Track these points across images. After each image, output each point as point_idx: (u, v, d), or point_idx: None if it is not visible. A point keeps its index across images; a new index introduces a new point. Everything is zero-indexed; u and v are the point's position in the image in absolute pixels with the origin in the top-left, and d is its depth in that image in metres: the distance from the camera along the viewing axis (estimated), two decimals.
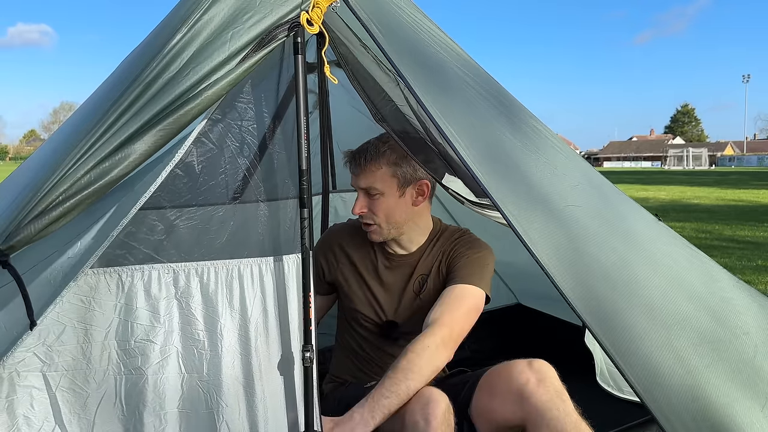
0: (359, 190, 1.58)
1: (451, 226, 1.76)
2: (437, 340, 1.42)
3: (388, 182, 1.55)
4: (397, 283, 1.70)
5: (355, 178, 1.58)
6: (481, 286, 1.57)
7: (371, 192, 1.56)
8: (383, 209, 1.57)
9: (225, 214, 1.20)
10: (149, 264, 1.13)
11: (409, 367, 1.35)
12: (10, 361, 1.06)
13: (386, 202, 1.57)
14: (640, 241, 1.36)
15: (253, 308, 1.17)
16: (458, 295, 1.54)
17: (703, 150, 52.79)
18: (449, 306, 1.51)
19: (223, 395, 1.14)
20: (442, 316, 1.49)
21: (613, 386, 2.27)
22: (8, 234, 0.99)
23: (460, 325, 1.49)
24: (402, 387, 1.32)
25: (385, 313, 1.70)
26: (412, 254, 1.69)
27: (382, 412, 1.29)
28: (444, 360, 1.43)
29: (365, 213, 1.58)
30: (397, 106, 1.41)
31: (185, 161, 1.16)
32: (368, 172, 1.54)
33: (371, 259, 1.71)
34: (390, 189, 1.57)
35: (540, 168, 1.32)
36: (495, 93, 1.40)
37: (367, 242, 1.70)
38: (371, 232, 1.61)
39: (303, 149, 1.17)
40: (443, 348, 1.43)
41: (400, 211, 1.60)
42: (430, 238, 1.70)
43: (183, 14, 1.14)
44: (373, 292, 1.70)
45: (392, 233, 1.62)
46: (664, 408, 1.13)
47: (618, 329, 1.18)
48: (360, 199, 1.58)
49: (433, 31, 1.40)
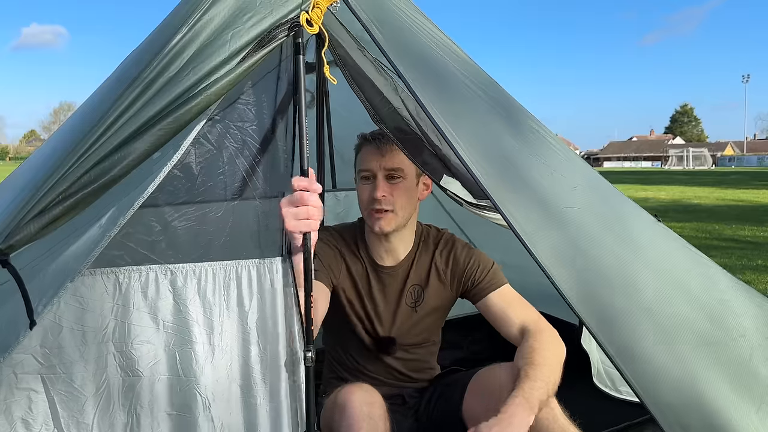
0: (380, 173, 1.53)
1: (429, 228, 1.74)
2: (550, 329, 1.47)
3: (410, 166, 1.54)
4: (391, 297, 1.67)
5: (381, 159, 1.53)
6: (505, 281, 1.63)
7: (395, 175, 1.54)
8: (404, 193, 1.55)
9: (224, 214, 1.20)
10: (146, 265, 1.13)
11: (542, 362, 1.36)
12: (8, 363, 1.06)
13: (406, 186, 1.55)
14: (639, 242, 1.36)
15: (252, 310, 1.17)
16: (510, 296, 1.59)
17: (703, 150, 52.74)
18: (518, 305, 1.56)
19: (222, 397, 1.14)
20: (525, 315, 1.53)
21: (610, 386, 2.28)
22: (8, 233, 0.99)
23: (538, 313, 1.55)
24: (547, 378, 1.32)
25: (382, 327, 1.67)
26: (401, 264, 1.66)
27: (538, 403, 1.27)
28: (563, 347, 1.46)
29: (387, 197, 1.54)
30: (395, 108, 1.41)
31: (184, 162, 1.16)
32: (397, 152, 1.51)
33: (363, 271, 1.67)
34: (411, 173, 1.56)
35: (539, 170, 1.32)
36: (495, 94, 1.40)
37: (357, 254, 1.67)
38: (384, 219, 1.55)
39: (304, 149, 1.17)
40: (556, 335, 1.48)
41: (413, 200, 1.59)
42: (416, 243, 1.68)
43: (183, 14, 1.14)
44: (366, 308, 1.66)
45: (402, 223, 1.59)
46: (663, 408, 1.14)
47: (617, 330, 1.18)
48: (381, 183, 1.53)
49: (434, 32, 1.40)
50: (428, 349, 1.78)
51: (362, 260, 1.67)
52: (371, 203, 1.55)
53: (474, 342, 2.84)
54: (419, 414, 1.70)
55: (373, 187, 1.54)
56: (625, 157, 73.89)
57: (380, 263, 1.66)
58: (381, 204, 1.53)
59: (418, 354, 1.74)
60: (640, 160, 70.38)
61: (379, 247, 1.65)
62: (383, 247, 1.64)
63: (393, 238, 1.62)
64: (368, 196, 1.55)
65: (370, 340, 1.68)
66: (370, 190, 1.55)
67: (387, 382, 1.72)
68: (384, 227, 1.56)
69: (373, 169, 1.54)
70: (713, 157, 56.44)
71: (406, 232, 1.65)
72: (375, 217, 1.55)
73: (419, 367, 1.76)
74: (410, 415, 1.71)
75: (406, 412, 1.71)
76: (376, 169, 1.54)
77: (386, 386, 1.71)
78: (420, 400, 1.73)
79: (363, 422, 1.28)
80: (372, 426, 1.28)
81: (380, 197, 1.52)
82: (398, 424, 1.60)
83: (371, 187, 1.55)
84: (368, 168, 1.55)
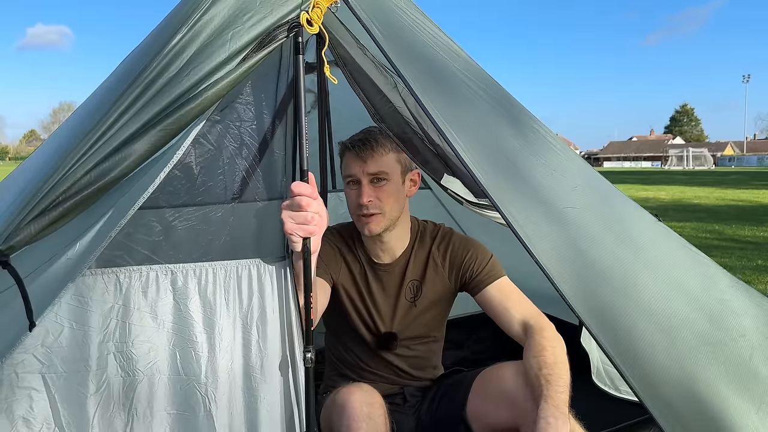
0: (364, 178, 1.54)
1: (426, 224, 1.75)
2: (550, 325, 1.47)
3: (394, 167, 1.55)
4: (390, 293, 1.68)
5: (363, 164, 1.54)
6: (503, 273, 1.63)
7: (379, 178, 1.54)
8: (390, 195, 1.56)
9: (224, 214, 1.20)
10: (147, 265, 1.13)
11: (554, 360, 1.35)
12: (9, 362, 1.06)
13: (392, 188, 1.56)
14: (639, 242, 1.36)
15: (252, 309, 1.17)
16: (509, 289, 1.59)
17: (703, 150, 52.73)
18: (517, 299, 1.57)
19: (222, 397, 1.14)
20: (525, 309, 1.53)
21: (610, 385, 2.28)
22: (8, 234, 0.99)
23: (536, 308, 1.55)
24: (564, 378, 1.32)
25: (383, 323, 1.68)
26: (398, 260, 1.67)
27: (567, 407, 1.26)
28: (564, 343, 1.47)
29: (373, 202, 1.55)
30: (395, 107, 1.41)
31: (184, 162, 1.16)
32: (378, 156, 1.52)
33: (361, 270, 1.68)
34: (395, 174, 1.56)
35: (539, 170, 1.32)
36: (495, 94, 1.40)
37: (355, 253, 1.68)
38: (371, 222, 1.56)
39: (304, 149, 1.17)
40: (555, 330, 1.48)
41: (400, 200, 1.60)
42: (412, 239, 1.69)
43: (183, 14, 1.14)
44: (366, 304, 1.67)
45: (392, 222, 1.59)
46: (662, 408, 1.14)
47: (617, 330, 1.18)
48: (366, 188, 1.54)
49: (434, 32, 1.40)
50: (429, 345, 1.78)
51: (360, 259, 1.68)
52: (358, 208, 1.56)
53: (477, 341, 2.84)
54: (421, 413, 1.70)
55: (359, 192, 1.55)
56: (625, 157, 73.91)
57: (377, 261, 1.67)
58: (368, 209, 1.55)
59: (419, 350, 1.74)
60: (640, 160, 70.40)
61: (375, 246, 1.66)
62: (378, 246, 1.66)
63: (386, 237, 1.63)
64: (355, 201, 1.57)
65: (370, 337, 1.69)
66: (356, 196, 1.56)
67: (388, 378, 1.72)
68: (373, 230, 1.57)
69: (356, 174, 1.55)
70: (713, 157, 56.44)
71: (400, 230, 1.65)
72: (364, 221, 1.57)
73: (420, 364, 1.76)
74: (411, 413, 1.71)
75: (407, 411, 1.71)
76: (359, 175, 1.55)
77: (387, 384, 1.71)
78: (422, 399, 1.73)
79: (363, 422, 1.28)
80: (372, 426, 1.28)
81: (366, 203, 1.54)
82: (399, 423, 1.60)
83: (357, 192, 1.56)
84: (351, 174, 1.56)
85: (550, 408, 1.22)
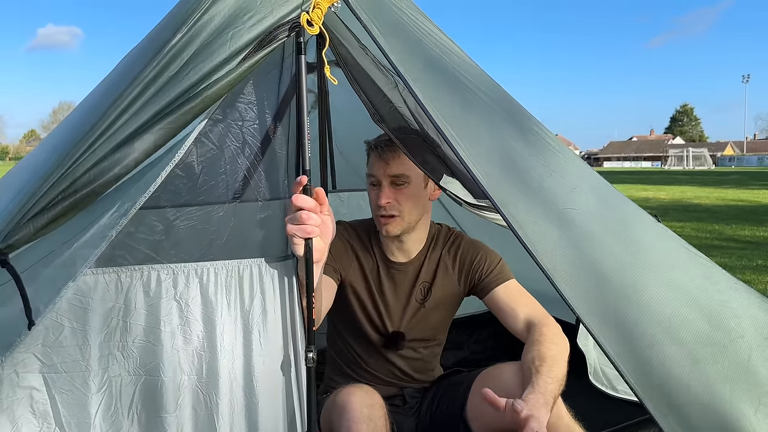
0: (384, 180, 1.56)
1: (440, 227, 1.76)
2: (555, 325, 1.49)
3: (415, 170, 1.55)
4: (401, 293, 1.68)
5: (385, 166, 1.55)
6: (512, 276, 1.65)
7: (400, 180, 1.55)
8: (410, 198, 1.57)
9: (225, 214, 1.20)
10: (148, 264, 1.13)
11: (549, 354, 1.37)
12: (10, 362, 1.06)
13: (412, 191, 1.57)
14: (639, 243, 1.36)
15: (254, 309, 1.17)
16: (517, 291, 1.61)
17: (703, 150, 52.73)
18: (524, 300, 1.58)
19: (223, 397, 1.14)
20: (531, 309, 1.54)
21: (607, 385, 2.28)
22: (7, 233, 0.99)
23: (543, 308, 1.56)
24: (556, 371, 1.33)
25: (391, 323, 1.68)
26: (412, 261, 1.68)
27: (553, 399, 1.27)
28: (568, 343, 1.48)
29: (391, 203, 1.56)
30: (396, 107, 1.41)
31: (185, 161, 1.16)
32: (400, 158, 1.54)
33: (375, 267, 1.69)
34: (417, 178, 1.57)
35: (539, 171, 1.32)
36: (495, 95, 1.40)
37: (370, 250, 1.69)
38: (390, 224, 1.58)
39: (306, 149, 1.17)
40: (561, 330, 1.49)
41: (421, 203, 1.61)
42: (428, 242, 1.70)
43: (183, 14, 1.14)
44: (375, 302, 1.68)
45: (411, 226, 1.61)
46: (662, 408, 1.14)
47: (617, 331, 1.18)
48: (386, 190, 1.56)
49: (434, 33, 1.40)
50: (433, 349, 1.78)
51: (374, 256, 1.69)
52: (378, 209, 1.58)
53: (477, 342, 2.84)
54: (420, 414, 1.70)
55: (379, 193, 1.57)
56: (625, 157, 73.93)
57: (392, 259, 1.68)
58: (386, 210, 1.57)
59: (423, 354, 1.75)
60: (640, 160, 70.42)
61: (392, 244, 1.67)
62: (395, 245, 1.67)
63: (404, 238, 1.65)
64: (374, 201, 1.59)
65: (377, 336, 1.69)
66: (376, 196, 1.58)
67: (387, 380, 1.72)
68: (390, 231, 1.59)
69: (378, 175, 1.57)
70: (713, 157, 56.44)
71: (418, 233, 1.67)
72: (382, 222, 1.59)
73: (422, 367, 1.76)
74: (411, 415, 1.71)
75: (407, 412, 1.71)
76: (380, 176, 1.57)
77: (387, 385, 1.71)
78: (421, 400, 1.73)
79: (363, 423, 1.28)
80: (372, 427, 1.28)
81: (384, 204, 1.56)
82: (399, 425, 1.60)
83: (377, 193, 1.58)
84: (374, 174, 1.59)
85: (533, 392, 1.24)
